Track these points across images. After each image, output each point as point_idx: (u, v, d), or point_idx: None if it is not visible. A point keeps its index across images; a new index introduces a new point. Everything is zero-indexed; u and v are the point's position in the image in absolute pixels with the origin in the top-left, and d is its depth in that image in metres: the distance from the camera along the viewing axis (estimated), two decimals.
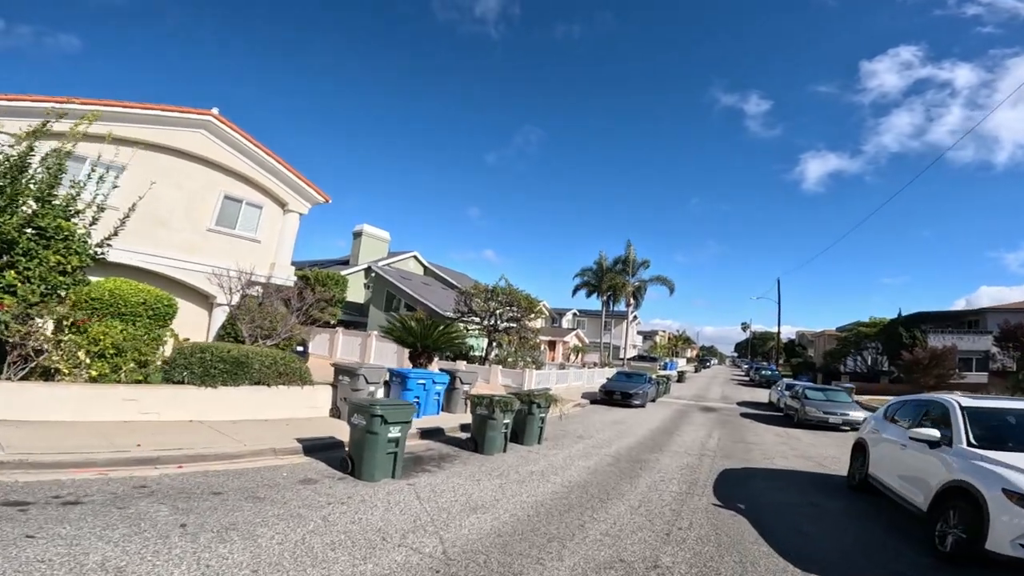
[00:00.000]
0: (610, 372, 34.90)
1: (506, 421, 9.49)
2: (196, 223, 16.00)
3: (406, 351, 26.07)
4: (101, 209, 9.21)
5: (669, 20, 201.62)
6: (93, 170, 9.79)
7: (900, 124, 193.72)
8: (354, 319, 33.35)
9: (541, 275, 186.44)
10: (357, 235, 37.29)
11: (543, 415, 10.74)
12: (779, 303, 53.70)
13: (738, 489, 8.11)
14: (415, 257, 38.62)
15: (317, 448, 7.91)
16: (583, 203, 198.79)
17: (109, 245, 9.47)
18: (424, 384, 12.06)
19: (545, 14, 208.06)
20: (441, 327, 14.93)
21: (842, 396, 18.79)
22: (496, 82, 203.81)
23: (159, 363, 9.27)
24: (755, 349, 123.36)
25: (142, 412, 8.06)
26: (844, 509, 7.44)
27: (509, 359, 26.36)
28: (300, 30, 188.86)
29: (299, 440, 7.98)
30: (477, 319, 24.13)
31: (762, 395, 33.06)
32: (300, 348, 21.23)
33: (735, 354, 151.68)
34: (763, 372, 42.83)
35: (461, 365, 22.78)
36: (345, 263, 35.53)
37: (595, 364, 38.83)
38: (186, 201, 15.54)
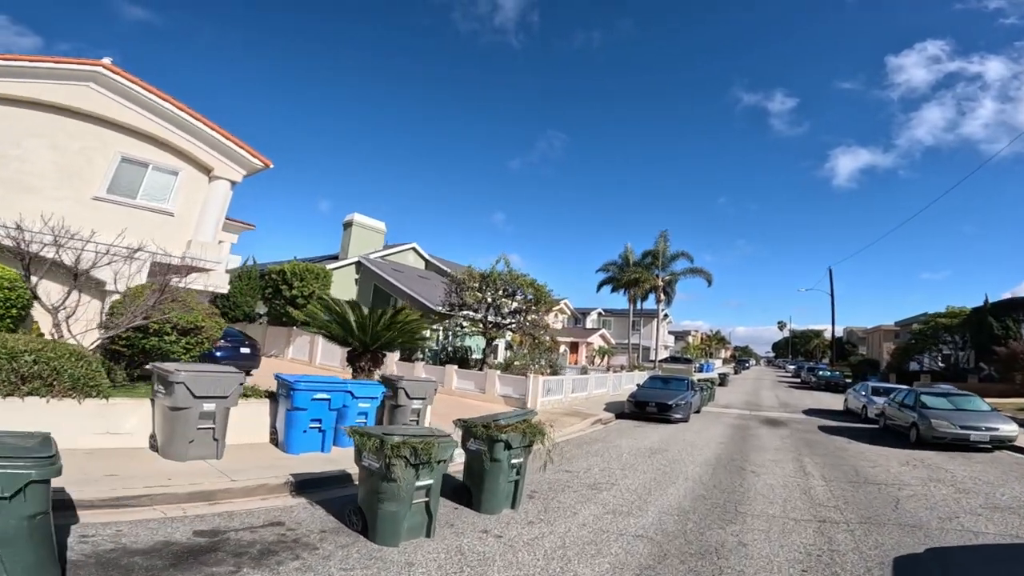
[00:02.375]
0: (640, 376, 29.56)
1: (424, 483, 4.59)
2: (79, 191, 12.50)
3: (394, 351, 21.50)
4: None
5: (689, 24, 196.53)
6: None
7: (932, 118, 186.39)
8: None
9: (565, 274, 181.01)
10: (347, 225, 32.92)
11: (518, 460, 5.77)
12: (832, 295, 47.30)
13: None
14: (414, 249, 34.08)
15: None
16: (608, 206, 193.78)
17: None
18: (328, 400, 7.26)
19: (564, 23, 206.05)
20: (389, 315, 10.12)
21: (975, 403, 13.27)
22: (518, 90, 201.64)
23: None
24: (795, 348, 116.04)
25: None
26: None
27: (516, 362, 21.45)
28: (327, 46, 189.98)
29: None
30: (474, 314, 19.35)
31: (828, 400, 27.34)
32: (247, 350, 16.72)
33: (771, 354, 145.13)
34: (820, 373, 36.77)
35: (451, 370, 17.95)
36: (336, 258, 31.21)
37: (622, 367, 33.53)
38: (65, 164, 12.13)
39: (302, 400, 7.00)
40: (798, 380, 46.03)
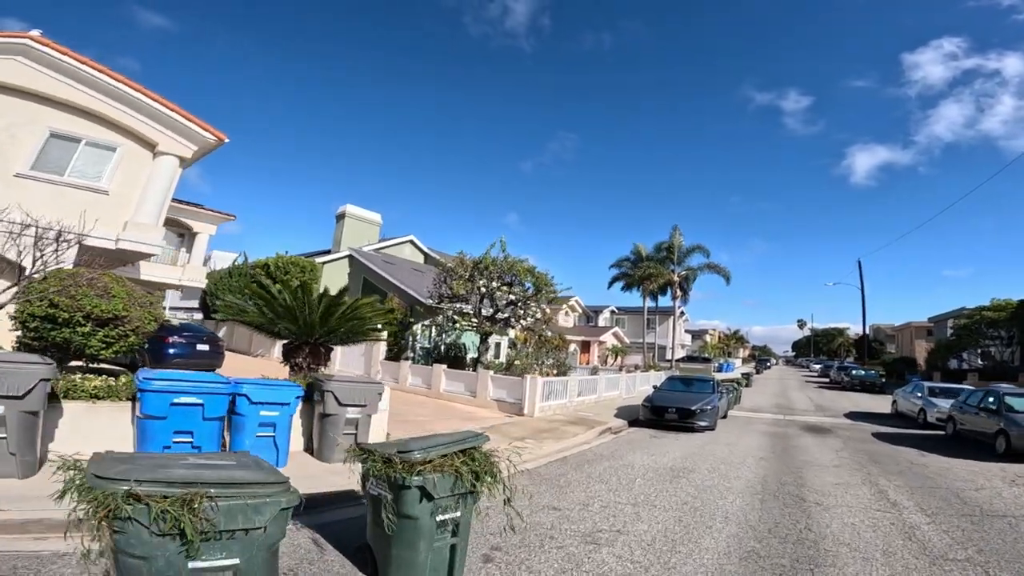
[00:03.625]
0: (657, 377, 27.00)
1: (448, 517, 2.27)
2: (0, 168, 11.29)
3: (378, 350, 19.24)
4: None
5: (698, 25, 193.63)
6: None
7: (950, 115, 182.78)
8: None
9: (576, 272, 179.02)
10: (340, 217, 30.88)
11: (450, 515, 3.36)
12: (862, 289, 44.01)
13: None
14: (411, 242, 31.87)
15: None
16: (620, 205, 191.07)
17: None
18: (200, 406, 4.98)
19: (574, 25, 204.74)
20: (330, 299, 7.83)
21: None
22: (530, 92, 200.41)
23: None
24: (818, 347, 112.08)
25: None
26: None
27: (517, 362, 19.08)
28: (344, 51, 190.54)
29: None
30: (467, 307, 17.02)
31: (866, 401, 24.54)
32: (205, 347, 14.52)
33: (791, 353, 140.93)
34: (854, 373, 33.72)
35: (439, 370, 15.65)
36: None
37: (637, 367, 30.96)
38: None
39: (155, 405, 4.74)
40: (827, 380, 42.92)
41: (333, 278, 28.51)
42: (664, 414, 12.38)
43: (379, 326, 8.98)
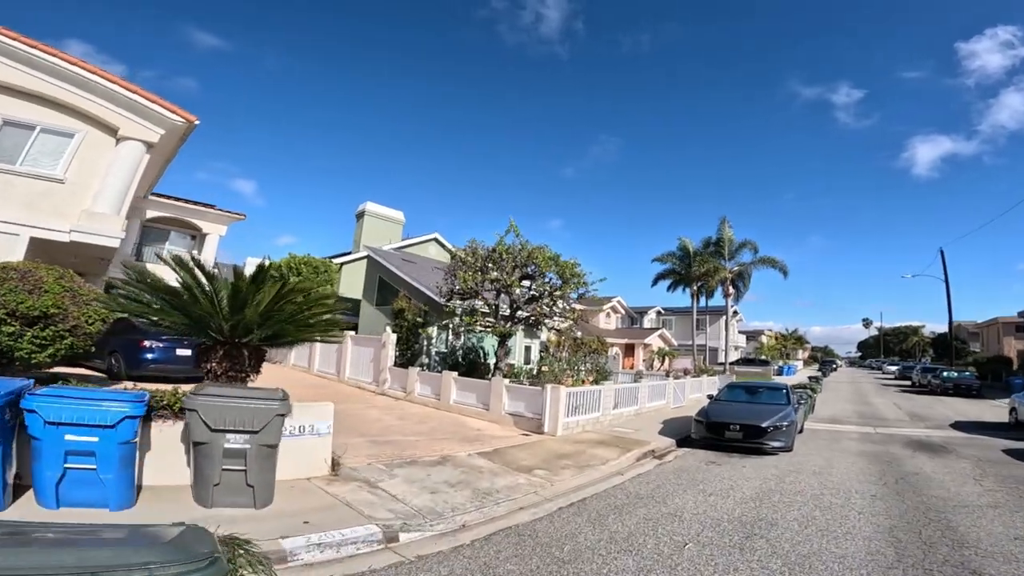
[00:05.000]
0: (710, 384, 23.75)
1: None
2: None
3: (387, 355, 17.08)
4: None
5: (738, 22, 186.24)
6: None
7: (1012, 103, 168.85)
8: (350, 319, 25.11)
9: (621, 273, 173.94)
10: (360, 216, 29.34)
11: None
12: (946, 280, 38.60)
13: None
14: (436, 240, 29.83)
15: None
16: (665, 206, 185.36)
17: None
18: None
19: (609, 29, 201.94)
20: (243, 280, 5.57)
21: None
22: (568, 97, 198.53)
23: None
24: (888, 347, 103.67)
25: None
26: None
27: (544, 368, 16.55)
28: (391, 71, 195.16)
29: None
30: (478, 303, 14.64)
31: (966, 408, 20.63)
32: (186, 351, 12.60)
33: (856, 353, 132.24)
34: (945, 375, 29.14)
35: (449, 378, 13.30)
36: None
37: (687, 371, 27.69)
38: None
39: None
40: (908, 383, 38.03)
41: (353, 279, 26.87)
42: (724, 432, 9.52)
43: (328, 318, 6.64)
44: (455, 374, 13.55)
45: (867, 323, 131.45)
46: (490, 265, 13.85)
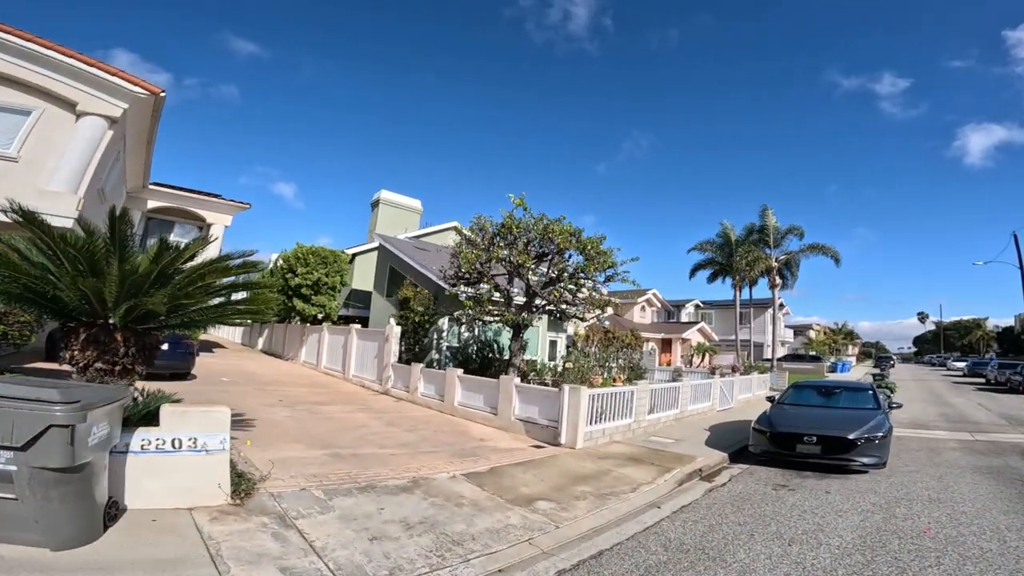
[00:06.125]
0: (761, 381, 21.13)
1: None
2: None
3: (390, 351, 15.29)
4: None
5: (770, 14, 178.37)
6: None
7: None
8: (360, 313, 23.58)
9: (656, 267, 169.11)
10: (375, 205, 27.86)
11: None
12: (1021, 266, 34.53)
13: None
14: (456, 228, 27.96)
15: None
16: (701, 200, 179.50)
17: None
18: None
19: (638, 24, 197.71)
20: (154, 256, 3.78)
21: None
22: (599, 96, 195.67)
23: None
24: (948, 342, 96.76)
25: None
26: None
27: (569, 365, 14.52)
28: (433, 73, 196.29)
29: None
30: (484, 287, 12.69)
31: None
32: (165, 346, 11.24)
33: (911, 349, 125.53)
34: None
35: (453, 376, 11.39)
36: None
37: (734, 368, 25.02)
38: None
39: None
40: (981, 380, 34.06)
41: (365, 272, 25.34)
42: (796, 445, 7.24)
43: (228, 286, 4.80)
44: (460, 371, 11.64)
45: (923, 317, 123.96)
46: (500, 241, 11.88)
